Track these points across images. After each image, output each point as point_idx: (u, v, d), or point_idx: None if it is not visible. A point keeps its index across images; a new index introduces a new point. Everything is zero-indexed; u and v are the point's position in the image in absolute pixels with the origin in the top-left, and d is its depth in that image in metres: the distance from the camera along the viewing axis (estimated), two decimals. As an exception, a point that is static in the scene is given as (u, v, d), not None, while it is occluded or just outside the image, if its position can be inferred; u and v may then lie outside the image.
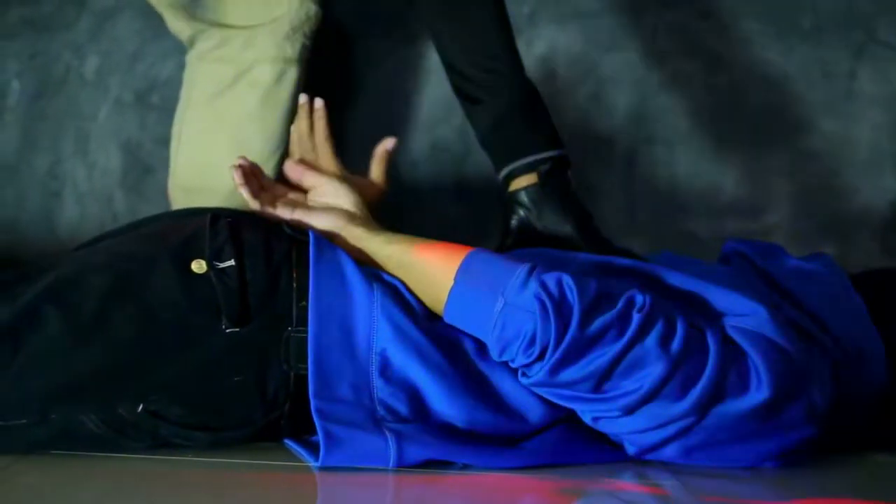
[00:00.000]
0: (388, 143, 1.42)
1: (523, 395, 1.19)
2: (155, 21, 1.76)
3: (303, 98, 1.42)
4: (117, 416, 1.17)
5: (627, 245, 1.47)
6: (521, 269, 1.13)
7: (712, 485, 1.16)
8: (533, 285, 1.11)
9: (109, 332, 1.16)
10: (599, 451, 1.21)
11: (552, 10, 1.85)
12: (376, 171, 1.43)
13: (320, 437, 1.15)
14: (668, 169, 1.86)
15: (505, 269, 1.14)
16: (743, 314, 1.17)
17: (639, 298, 1.12)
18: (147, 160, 1.81)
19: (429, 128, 1.85)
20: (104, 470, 1.16)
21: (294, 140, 1.44)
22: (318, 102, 1.42)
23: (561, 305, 1.10)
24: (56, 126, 1.81)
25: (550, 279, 1.11)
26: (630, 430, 1.16)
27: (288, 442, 1.22)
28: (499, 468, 1.18)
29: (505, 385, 1.19)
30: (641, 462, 1.21)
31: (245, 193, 1.31)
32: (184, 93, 1.67)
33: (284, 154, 1.53)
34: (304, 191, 1.37)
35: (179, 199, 1.63)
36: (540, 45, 1.84)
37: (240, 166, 1.32)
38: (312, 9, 1.58)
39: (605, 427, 1.17)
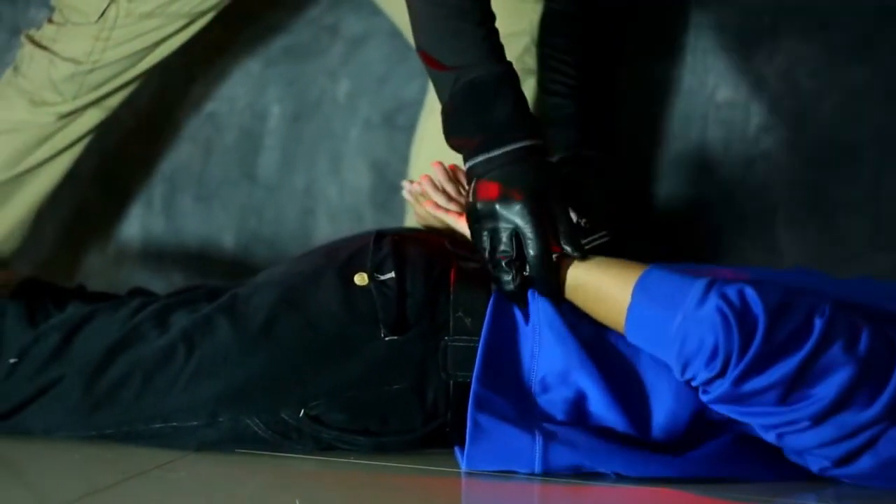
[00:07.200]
0: None
1: (689, 409, 1.18)
2: (401, 45, 1.85)
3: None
4: (281, 421, 1.25)
5: (873, 261, 1.41)
6: (700, 283, 1.13)
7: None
8: (713, 298, 1.11)
9: (274, 341, 1.25)
10: (767, 467, 1.19)
11: (793, 20, 1.81)
12: None
13: (468, 426, 1.18)
14: (919, 182, 1.79)
15: (683, 284, 1.14)
16: None
17: (820, 305, 1.11)
18: (394, 178, 1.89)
19: (670, 141, 1.85)
20: (262, 467, 1.23)
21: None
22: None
23: (745, 315, 1.10)
24: (311, 147, 1.92)
25: (732, 290, 1.11)
26: (817, 443, 1.13)
27: (456, 449, 1.24)
28: (651, 477, 1.17)
29: (667, 398, 1.19)
30: (820, 481, 1.17)
31: (444, 216, 1.33)
32: (427, 101, 1.76)
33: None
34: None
35: (416, 195, 1.69)
36: (782, 56, 1.81)
37: (436, 203, 1.33)
38: (554, 23, 1.63)
39: (790, 442, 1.15)
